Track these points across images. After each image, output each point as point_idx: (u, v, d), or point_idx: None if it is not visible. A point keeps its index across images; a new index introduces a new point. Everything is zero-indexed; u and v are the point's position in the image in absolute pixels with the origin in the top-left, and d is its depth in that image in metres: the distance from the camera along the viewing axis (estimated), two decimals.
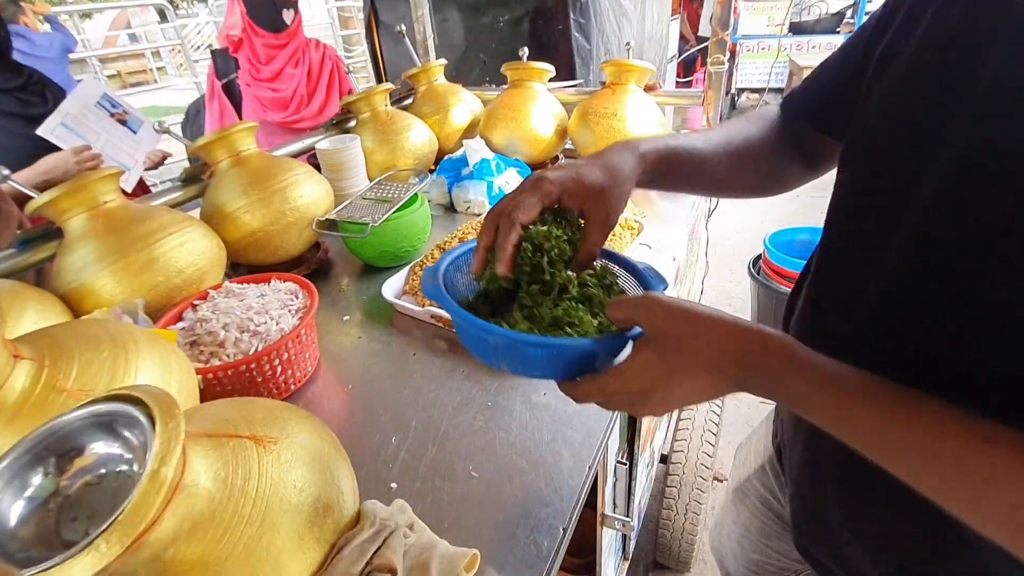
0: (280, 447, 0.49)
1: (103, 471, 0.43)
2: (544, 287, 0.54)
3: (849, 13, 5.37)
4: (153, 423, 0.41)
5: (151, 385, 0.45)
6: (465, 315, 0.50)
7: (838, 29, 5.38)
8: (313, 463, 0.50)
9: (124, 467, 0.43)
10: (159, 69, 10.35)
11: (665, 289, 0.55)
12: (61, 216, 0.90)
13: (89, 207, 0.91)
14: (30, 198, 0.91)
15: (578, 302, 0.54)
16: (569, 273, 0.54)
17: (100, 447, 0.43)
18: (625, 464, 1.04)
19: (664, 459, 1.63)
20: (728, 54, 1.45)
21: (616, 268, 0.61)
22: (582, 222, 0.56)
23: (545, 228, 0.53)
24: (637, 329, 0.48)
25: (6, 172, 0.93)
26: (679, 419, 1.76)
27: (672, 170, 0.63)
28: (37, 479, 0.41)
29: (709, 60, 1.43)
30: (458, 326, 0.55)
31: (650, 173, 0.61)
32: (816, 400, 0.41)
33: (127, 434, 0.44)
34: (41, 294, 0.84)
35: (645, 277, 0.58)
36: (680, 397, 0.48)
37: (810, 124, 0.66)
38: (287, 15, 1.81)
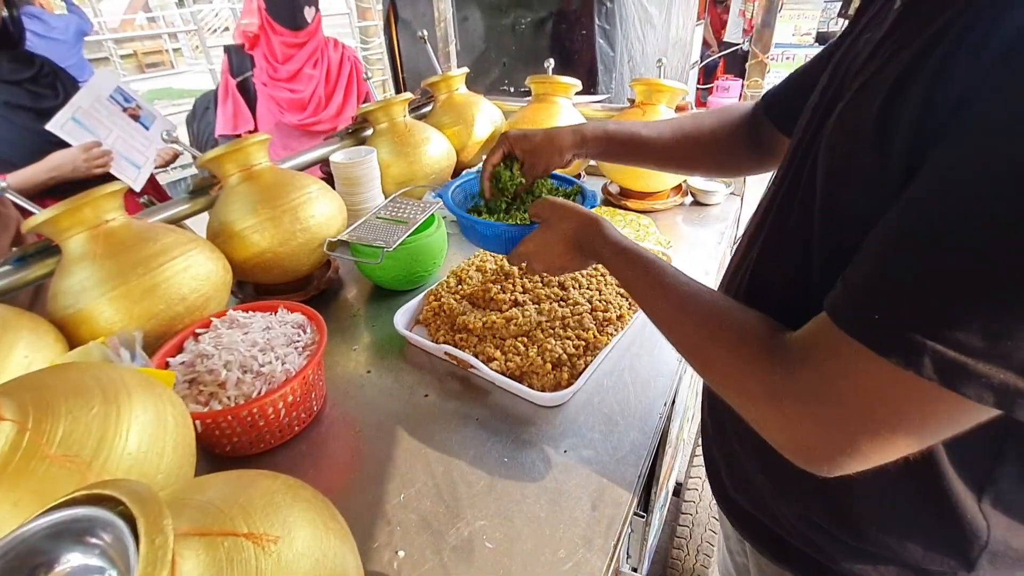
0: (281, 547, 0.44)
1: None
2: (510, 203, 0.93)
3: None
4: (135, 530, 0.36)
5: (133, 481, 0.39)
6: (462, 213, 0.87)
7: None
8: (317, 564, 0.45)
9: None
10: (175, 51, 10.34)
11: (593, 205, 0.86)
12: (61, 235, 0.85)
13: (91, 226, 0.86)
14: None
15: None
16: (524, 195, 0.93)
17: (76, 558, 0.37)
18: (642, 516, 0.98)
19: (677, 490, 1.57)
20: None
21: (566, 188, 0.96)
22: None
23: (504, 169, 0.90)
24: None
25: (3, 184, 0.88)
26: (696, 445, 1.70)
27: (614, 148, 0.88)
28: None
29: (746, 83, 1.37)
30: (460, 224, 0.90)
31: (592, 147, 0.88)
32: (609, 260, 0.67)
33: (106, 540, 0.38)
34: (34, 321, 0.79)
35: (584, 195, 0.92)
36: (556, 259, 0.75)
37: (768, 117, 0.78)
38: (308, 12, 1.75)
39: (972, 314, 0.33)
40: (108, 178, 1.57)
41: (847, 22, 0.63)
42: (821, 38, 5.47)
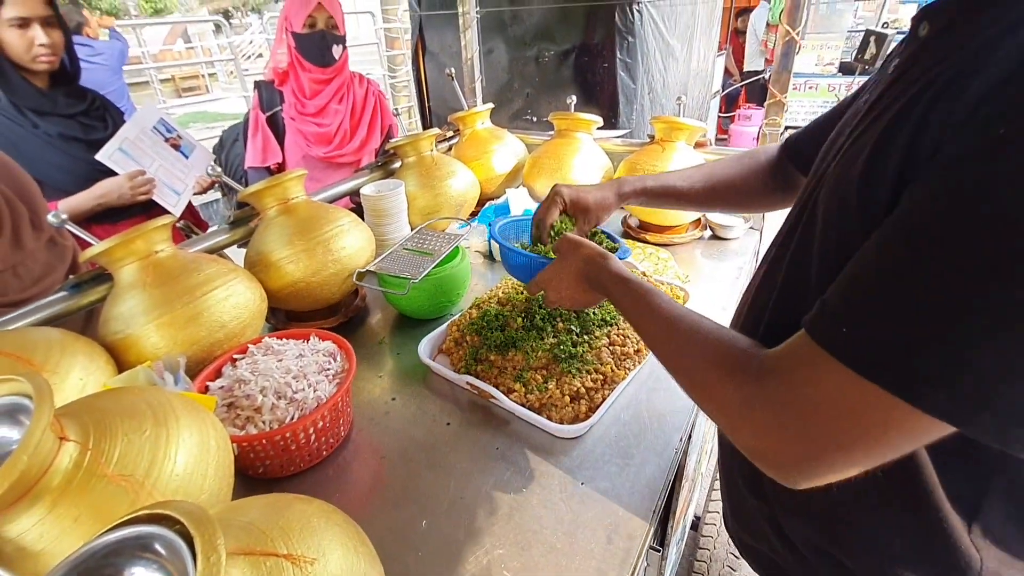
0: (316, 568, 0.47)
1: None
2: None
3: None
4: (191, 546, 0.40)
5: (188, 503, 0.43)
6: (502, 241, 1.00)
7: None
8: None
9: None
10: (211, 76, 10.77)
11: (626, 256, 1.00)
12: (114, 264, 0.92)
13: (141, 256, 0.92)
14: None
15: None
16: None
17: (139, 571, 0.41)
18: (658, 551, 0.99)
19: (695, 524, 1.57)
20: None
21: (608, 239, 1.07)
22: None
23: (559, 223, 1.01)
24: None
25: (64, 216, 0.95)
26: (714, 479, 1.70)
27: (651, 200, 0.99)
28: None
29: (765, 122, 1.40)
30: (500, 249, 1.02)
31: (633, 201, 1.00)
32: (612, 290, 0.72)
33: (164, 554, 0.42)
34: (89, 345, 0.85)
35: (618, 247, 1.04)
36: (567, 291, 0.82)
37: (789, 161, 0.86)
38: (336, 51, 1.84)
39: (931, 335, 0.36)
40: (150, 204, 1.66)
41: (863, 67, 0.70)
42: (844, 68, 5.49)
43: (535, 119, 3.28)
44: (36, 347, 0.78)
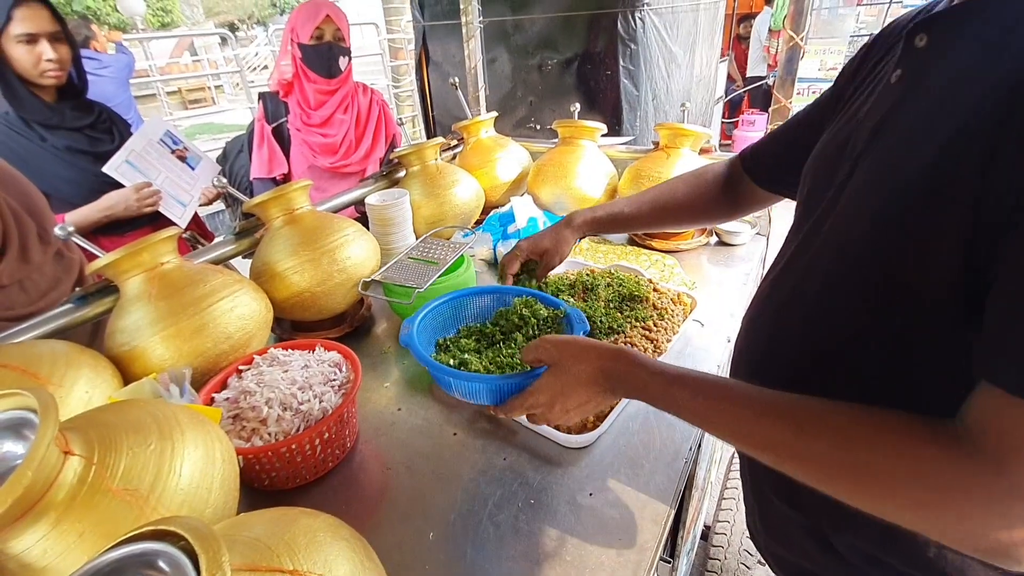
0: None
1: None
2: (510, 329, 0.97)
3: None
4: (196, 563, 0.40)
5: (193, 519, 0.43)
6: (437, 366, 0.81)
7: None
8: None
9: None
10: (217, 88, 10.88)
11: (585, 330, 0.86)
12: (120, 276, 0.92)
13: (147, 268, 0.92)
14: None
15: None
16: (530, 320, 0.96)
17: None
18: (669, 562, 0.98)
19: (705, 534, 1.55)
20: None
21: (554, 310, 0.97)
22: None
23: (525, 280, 1.07)
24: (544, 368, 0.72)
25: (71, 229, 0.95)
26: (724, 488, 1.68)
27: (605, 228, 1.05)
28: None
29: (770, 127, 1.39)
30: (434, 376, 0.87)
31: (587, 231, 1.06)
32: (661, 395, 0.60)
33: (168, 572, 0.42)
34: (95, 358, 0.85)
35: (571, 321, 0.90)
36: (575, 406, 0.69)
37: (747, 174, 0.88)
38: (342, 62, 1.85)
39: None
40: (157, 216, 1.67)
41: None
42: None
43: (538, 127, 3.29)
44: (42, 360, 0.78)
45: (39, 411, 0.53)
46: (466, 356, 0.92)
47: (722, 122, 5.83)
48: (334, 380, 0.88)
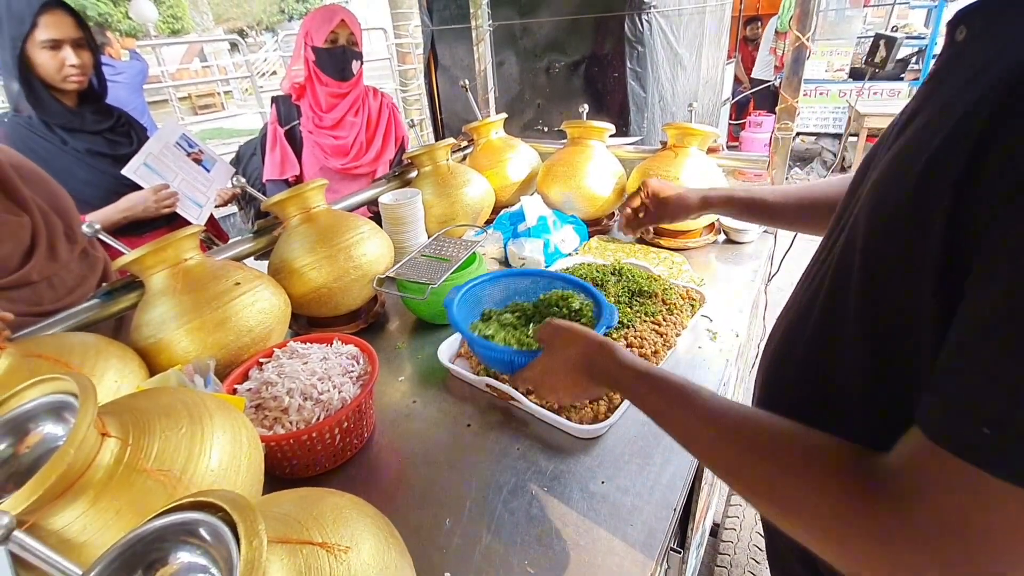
0: (350, 556, 0.49)
1: None
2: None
3: (915, 59, 5.24)
4: (235, 532, 0.42)
5: (230, 492, 0.45)
6: (469, 334, 0.87)
7: (902, 75, 5.25)
8: (382, 574, 0.50)
9: None
10: (226, 94, 11.00)
11: (610, 324, 0.86)
12: (146, 272, 0.95)
13: (171, 264, 0.95)
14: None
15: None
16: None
17: (184, 556, 0.43)
18: (679, 552, 0.99)
19: (715, 531, 1.56)
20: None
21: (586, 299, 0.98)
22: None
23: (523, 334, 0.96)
24: None
25: (97, 227, 0.98)
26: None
27: (739, 209, 0.97)
28: None
29: (777, 127, 1.41)
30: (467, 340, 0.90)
31: (719, 209, 0.99)
32: (628, 386, 0.61)
33: (208, 540, 0.44)
34: (122, 349, 0.88)
35: (600, 314, 0.90)
36: (563, 387, 0.71)
37: None
38: (354, 66, 1.88)
39: None
40: (173, 217, 1.71)
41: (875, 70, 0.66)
42: (854, 74, 5.49)
43: (546, 129, 3.31)
44: (73, 350, 0.81)
45: (79, 394, 0.56)
46: (493, 330, 0.96)
47: (729, 124, 5.83)
48: (352, 372, 0.91)
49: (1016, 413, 0.31)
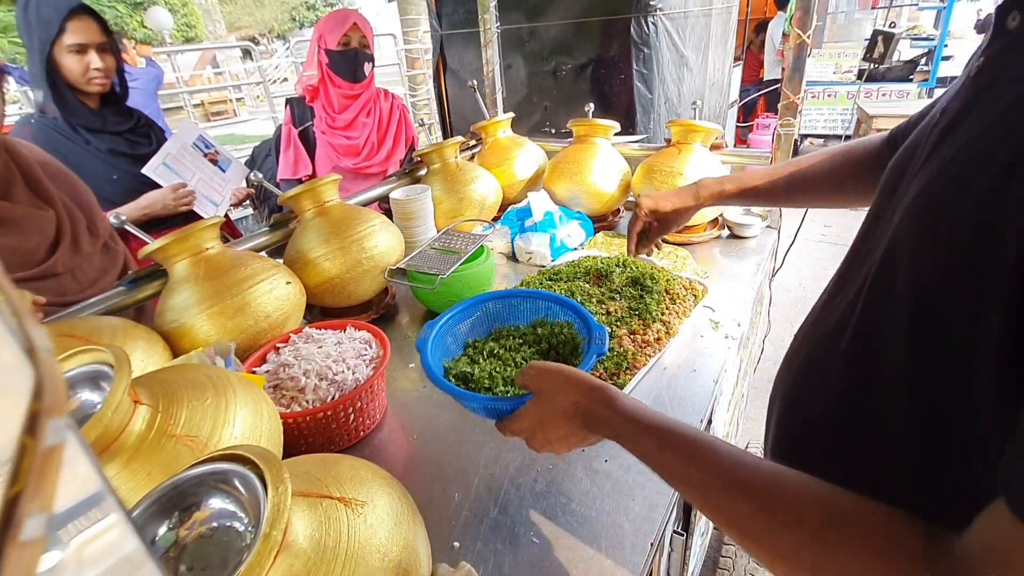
0: (367, 510, 0.52)
1: (215, 524, 0.47)
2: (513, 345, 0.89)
3: (924, 61, 5.23)
4: (262, 482, 0.46)
5: (257, 446, 0.49)
6: (445, 384, 0.75)
7: (911, 77, 5.24)
8: (395, 528, 0.53)
9: (233, 522, 0.47)
10: (238, 100, 11.15)
11: (601, 352, 0.75)
12: (169, 260, 1.00)
13: (193, 252, 1.00)
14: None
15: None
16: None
17: (216, 503, 0.47)
18: (682, 535, 1.02)
19: None
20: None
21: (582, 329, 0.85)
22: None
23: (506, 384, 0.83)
24: None
25: (123, 217, 1.03)
26: None
27: (732, 200, 1.00)
28: (162, 530, 0.45)
29: (779, 122, 1.44)
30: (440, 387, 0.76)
31: (714, 203, 1.01)
32: (626, 435, 0.55)
33: (238, 489, 0.48)
34: (148, 333, 0.92)
35: (591, 336, 0.79)
36: (557, 439, 0.63)
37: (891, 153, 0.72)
38: (366, 68, 1.93)
39: None
40: (190, 215, 1.76)
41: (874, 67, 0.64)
42: (863, 75, 5.48)
43: (553, 131, 3.36)
44: (102, 331, 0.85)
45: (114, 364, 0.60)
46: (472, 368, 0.84)
47: (736, 126, 5.85)
48: (365, 355, 0.95)
49: None
